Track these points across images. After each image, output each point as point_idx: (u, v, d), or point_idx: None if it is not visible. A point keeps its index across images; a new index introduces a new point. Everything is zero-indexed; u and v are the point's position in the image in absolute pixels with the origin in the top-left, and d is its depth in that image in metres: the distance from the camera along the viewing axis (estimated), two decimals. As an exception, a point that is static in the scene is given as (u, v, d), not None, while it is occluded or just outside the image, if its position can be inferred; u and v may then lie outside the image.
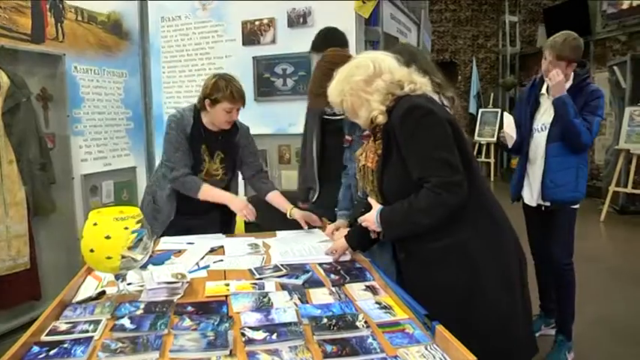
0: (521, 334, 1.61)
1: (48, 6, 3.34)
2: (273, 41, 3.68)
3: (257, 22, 3.73)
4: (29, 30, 3.23)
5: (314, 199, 2.62)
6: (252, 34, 3.75)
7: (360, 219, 1.69)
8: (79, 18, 3.62)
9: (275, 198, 2.49)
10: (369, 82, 1.58)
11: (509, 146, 2.86)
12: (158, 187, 2.46)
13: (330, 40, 2.59)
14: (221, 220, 2.47)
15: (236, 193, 2.61)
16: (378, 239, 1.78)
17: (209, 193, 2.32)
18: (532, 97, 2.78)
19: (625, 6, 7.25)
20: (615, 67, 6.73)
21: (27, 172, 3.08)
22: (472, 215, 1.53)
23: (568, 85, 2.60)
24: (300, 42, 3.53)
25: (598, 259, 4.93)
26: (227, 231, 2.45)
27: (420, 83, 1.60)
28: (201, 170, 2.40)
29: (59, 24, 3.44)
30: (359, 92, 1.59)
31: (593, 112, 2.56)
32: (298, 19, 3.58)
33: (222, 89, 2.26)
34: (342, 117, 2.45)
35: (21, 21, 3.17)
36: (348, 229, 2.03)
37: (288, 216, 2.36)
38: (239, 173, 2.66)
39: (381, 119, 1.56)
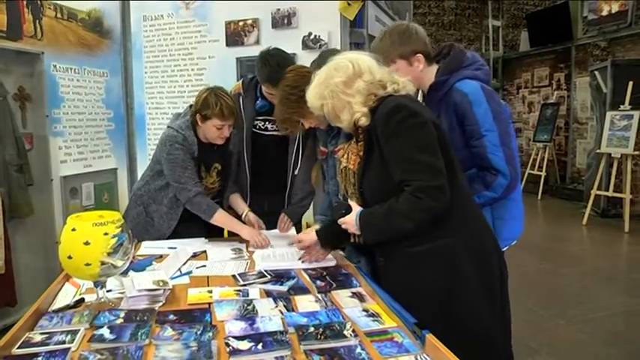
0: (499, 350, 1.58)
1: (25, 2, 3.25)
2: (257, 42, 3.63)
3: (241, 23, 3.67)
4: (4, 26, 3.12)
5: None
6: (235, 34, 3.69)
7: (340, 221, 1.64)
8: (59, 15, 3.53)
9: (235, 199, 2.48)
10: (349, 83, 1.54)
11: None
12: (152, 200, 2.37)
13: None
14: (208, 226, 2.39)
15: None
16: (354, 241, 1.73)
17: (221, 220, 2.25)
18: None
19: (605, 12, 7.38)
20: (596, 72, 6.82)
21: (3, 174, 3.00)
22: (455, 220, 1.50)
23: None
24: (284, 43, 3.43)
25: (580, 262, 4.99)
26: (216, 234, 2.39)
27: (402, 83, 1.55)
28: None
29: (37, 21, 3.34)
30: (339, 95, 1.54)
31: (475, 134, 1.71)
32: (283, 20, 3.54)
33: (211, 105, 2.19)
34: (273, 132, 2.50)
35: (-5, 17, 3.07)
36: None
37: (243, 217, 2.38)
38: None
39: (364, 121, 1.52)
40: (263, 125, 2.52)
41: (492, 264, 1.56)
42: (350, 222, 1.58)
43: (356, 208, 1.58)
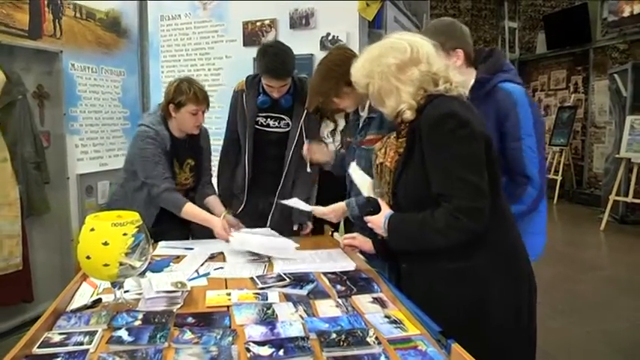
0: None
1: (46, 2, 3.27)
2: (275, 42, 3.62)
3: (258, 23, 3.67)
4: (26, 26, 3.15)
5: (239, 210, 2.57)
6: (253, 34, 3.68)
7: (367, 218, 1.58)
8: (78, 15, 3.55)
9: (212, 201, 2.47)
10: (403, 68, 1.40)
11: None
12: (129, 203, 2.25)
13: None
14: (184, 225, 2.40)
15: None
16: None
17: (190, 213, 2.23)
18: None
19: (626, 14, 7.25)
20: (616, 75, 6.71)
21: (21, 171, 3.01)
22: (491, 241, 1.41)
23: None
24: (302, 44, 3.46)
25: (598, 269, 4.91)
26: (188, 236, 2.40)
27: (455, 83, 1.42)
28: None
29: (57, 20, 3.36)
30: (389, 77, 1.41)
31: (515, 135, 1.70)
32: (300, 21, 3.52)
33: (185, 91, 2.22)
34: (274, 129, 2.51)
35: (18, 16, 3.10)
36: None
37: (221, 219, 2.31)
38: None
39: (409, 115, 1.40)
40: (265, 122, 2.52)
41: (523, 286, 1.48)
42: (377, 223, 1.52)
43: (385, 210, 1.51)
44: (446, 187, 1.35)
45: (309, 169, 2.44)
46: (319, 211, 2.10)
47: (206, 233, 2.33)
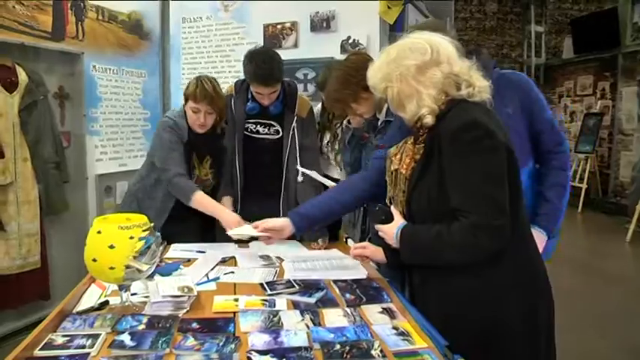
0: None
1: (69, 4, 3.32)
2: (295, 45, 3.61)
3: (279, 26, 3.66)
4: (50, 28, 3.20)
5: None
6: (273, 37, 3.68)
7: (378, 227, 1.51)
8: (100, 17, 3.60)
9: (225, 202, 2.41)
10: (424, 70, 1.33)
11: None
12: (147, 195, 2.33)
13: None
14: (202, 229, 2.37)
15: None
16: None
17: (201, 202, 2.17)
18: None
19: (658, 18, 7.05)
20: (645, 82, 6.52)
21: (41, 171, 3.06)
22: (510, 257, 1.32)
23: None
24: (322, 47, 3.46)
25: (624, 280, 4.76)
26: (208, 239, 2.34)
27: (478, 88, 1.35)
28: (192, 177, 2.32)
29: (80, 22, 3.41)
30: (409, 80, 1.34)
31: (544, 109, 1.83)
32: (321, 24, 3.50)
33: (190, 86, 2.22)
34: (264, 136, 2.47)
35: (42, 18, 3.16)
36: None
37: None
38: None
39: (429, 120, 1.33)
40: (254, 128, 2.48)
41: (541, 305, 1.40)
42: (390, 234, 1.45)
43: (398, 220, 1.44)
44: (465, 202, 1.28)
45: (300, 178, 2.42)
46: None
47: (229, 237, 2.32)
